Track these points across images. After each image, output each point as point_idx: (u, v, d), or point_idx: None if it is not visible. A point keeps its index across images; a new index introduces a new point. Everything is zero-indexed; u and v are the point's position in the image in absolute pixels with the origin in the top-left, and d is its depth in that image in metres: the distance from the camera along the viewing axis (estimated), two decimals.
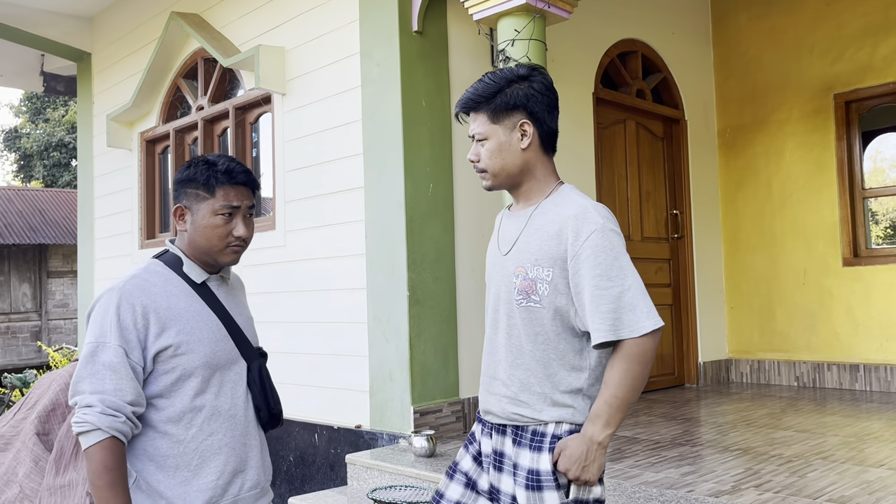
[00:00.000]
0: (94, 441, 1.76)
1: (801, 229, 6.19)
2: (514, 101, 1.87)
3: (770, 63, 6.44)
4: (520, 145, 1.88)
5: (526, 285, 1.84)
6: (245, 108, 5.62)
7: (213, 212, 1.92)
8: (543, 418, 1.83)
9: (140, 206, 6.62)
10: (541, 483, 1.79)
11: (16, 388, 7.94)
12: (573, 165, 5.32)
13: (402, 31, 4.33)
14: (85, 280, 7.40)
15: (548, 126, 1.91)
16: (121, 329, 1.81)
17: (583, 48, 5.49)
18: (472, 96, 1.91)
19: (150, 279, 1.92)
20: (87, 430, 1.77)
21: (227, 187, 1.93)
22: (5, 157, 24.99)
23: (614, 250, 1.78)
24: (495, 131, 1.89)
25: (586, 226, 1.78)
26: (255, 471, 2.00)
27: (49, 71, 8.14)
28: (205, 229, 1.93)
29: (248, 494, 1.97)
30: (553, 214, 1.85)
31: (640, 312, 1.75)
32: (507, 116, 1.87)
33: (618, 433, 4.38)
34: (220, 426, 1.93)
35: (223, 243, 1.94)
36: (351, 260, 4.58)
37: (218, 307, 1.97)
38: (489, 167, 1.91)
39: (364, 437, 4.39)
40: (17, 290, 14.98)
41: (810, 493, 3.04)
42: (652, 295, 6.34)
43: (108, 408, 1.77)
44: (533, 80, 1.89)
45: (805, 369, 6.14)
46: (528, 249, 1.86)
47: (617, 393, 1.75)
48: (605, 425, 1.75)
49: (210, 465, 1.90)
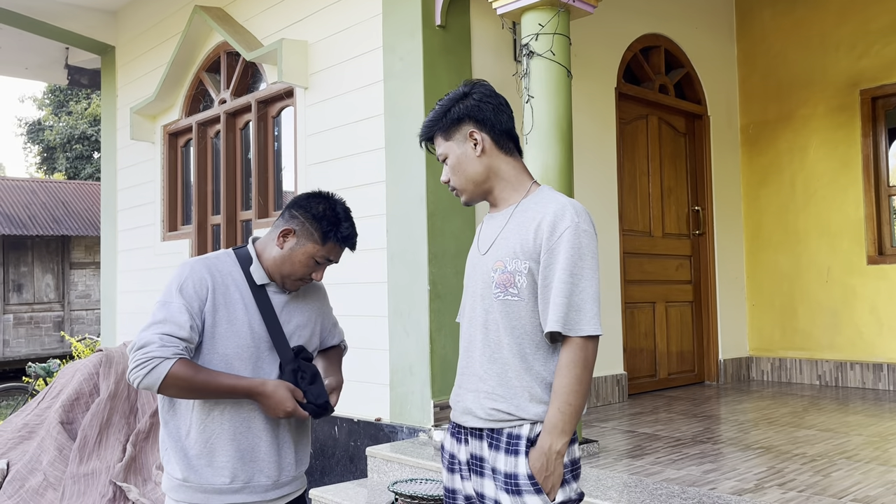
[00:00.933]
0: (164, 371, 1.89)
1: (825, 227, 6.13)
2: (459, 115, 1.97)
3: (795, 58, 6.37)
4: (474, 153, 1.96)
5: (504, 278, 1.88)
6: (267, 101, 5.64)
7: (313, 256, 2.09)
8: (521, 415, 1.84)
9: (162, 199, 6.68)
10: (520, 488, 1.80)
11: (39, 377, 8.04)
12: (595, 161, 5.30)
13: (425, 26, 4.33)
14: (107, 271, 7.48)
15: (499, 129, 1.97)
16: (184, 292, 1.99)
17: (605, 43, 5.46)
18: (426, 124, 2.04)
19: (219, 264, 2.09)
20: (154, 365, 1.89)
21: (336, 245, 2.12)
22: (29, 149, 25.27)
23: (581, 250, 1.83)
24: (451, 147, 1.99)
25: (562, 222, 1.84)
26: (272, 463, 2.06)
27: (73, 64, 8.23)
28: (297, 263, 2.09)
29: (262, 483, 2.05)
30: (533, 211, 1.90)
31: (584, 314, 1.81)
32: (457, 130, 1.98)
33: (637, 430, 4.37)
34: (225, 417, 2.03)
35: (301, 280, 2.12)
36: (372, 254, 4.59)
37: (267, 310, 2.08)
38: (457, 183, 2.00)
39: (384, 430, 4.41)
40: (41, 281, 15.17)
41: (835, 493, 3.02)
42: (672, 292, 6.29)
43: (166, 341, 1.92)
44: (473, 92, 1.99)
45: (827, 368, 6.08)
46: (507, 245, 1.90)
47: (569, 399, 1.79)
48: (560, 433, 1.79)
49: (218, 452, 2.02)
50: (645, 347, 5.75)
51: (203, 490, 2.01)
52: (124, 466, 4.93)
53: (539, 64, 3.68)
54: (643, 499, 2.97)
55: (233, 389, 1.97)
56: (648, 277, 5.81)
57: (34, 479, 5.21)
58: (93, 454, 5.16)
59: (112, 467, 4.97)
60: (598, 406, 5.19)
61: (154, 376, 1.88)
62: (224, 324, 2.02)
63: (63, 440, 5.35)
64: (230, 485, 2.02)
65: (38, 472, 5.26)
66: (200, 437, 2.02)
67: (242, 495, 2.03)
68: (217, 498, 2.01)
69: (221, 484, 2.01)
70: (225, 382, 1.96)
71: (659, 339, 5.87)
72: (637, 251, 5.72)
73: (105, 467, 5.02)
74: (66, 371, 6.27)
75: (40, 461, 5.33)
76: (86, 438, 5.21)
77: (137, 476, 4.99)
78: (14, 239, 14.78)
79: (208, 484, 2.01)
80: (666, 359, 5.94)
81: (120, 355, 5.90)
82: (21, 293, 14.88)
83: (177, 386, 1.92)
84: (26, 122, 24.83)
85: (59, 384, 6.10)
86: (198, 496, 2.01)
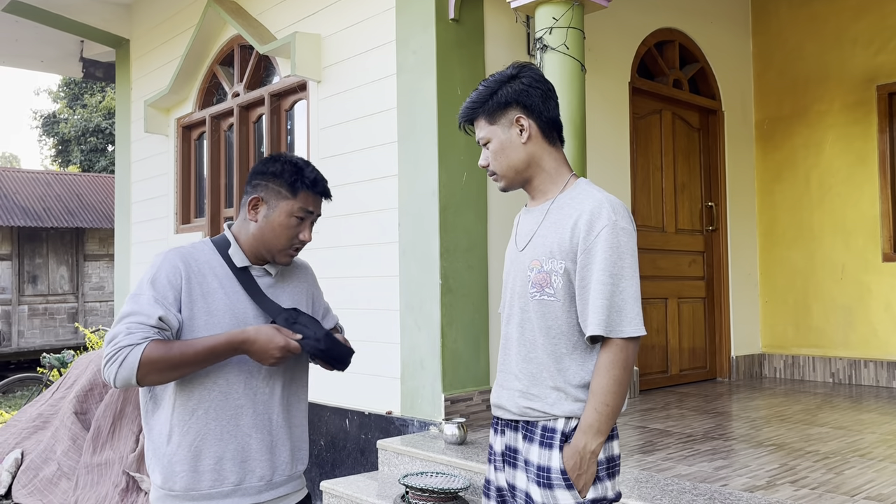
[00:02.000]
0: (137, 357, 1.76)
1: (840, 223, 6.08)
2: (507, 98, 1.89)
3: (811, 53, 6.31)
4: (520, 140, 1.90)
5: (541, 278, 1.84)
6: (280, 94, 5.65)
7: (289, 213, 1.98)
8: (555, 412, 1.82)
9: (176, 192, 6.71)
10: (551, 482, 1.79)
11: (54, 368, 8.11)
12: (608, 155, 5.28)
13: (438, 19, 4.32)
14: (121, 263, 7.53)
15: (546, 116, 1.92)
16: (156, 284, 1.88)
17: (620, 37, 5.44)
18: (469, 105, 1.95)
19: (196, 253, 1.98)
20: (125, 356, 1.76)
21: (308, 193, 2.00)
22: (44, 141, 25.45)
23: (620, 249, 1.78)
24: (494, 132, 1.92)
25: (599, 221, 1.79)
26: (265, 462, 1.95)
27: (88, 57, 8.27)
28: (277, 227, 1.98)
29: (253, 485, 1.94)
30: (570, 208, 1.86)
31: (626, 315, 1.77)
32: (503, 115, 1.90)
33: (649, 425, 4.36)
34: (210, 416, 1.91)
35: (289, 244, 2.00)
36: (384, 247, 4.60)
37: (254, 289, 1.99)
38: (497, 168, 1.94)
39: (395, 423, 4.42)
40: (55, 273, 15.29)
41: (847, 491, 3.00)
42: (685, 288, 6.26)
43: (133, 329, 1.80)
44: (522, 76, 1.92)
45: (841, 366, 6.04)
46: (544, 243, 1.86)
47: (606, 400, 1.76)
48: (596, 433, 1.77)
49: (204, 454, 1.90)
50: (657, 343, 5.73)
51: (189, 498, 1.88)
52: (137, 457, 4.97)
53: (553, 58, 3.66)
54: (654, 494, 2.96)
55: (213, 349, 1.83)
56: (661, 273, 5.79)
57: (48, 469, 5.26)
58: (106, 444, 5.21)
59: (125, 457, 5.01)
60: None
61: (128, 366, 1.76)
62: (203, 315, 1.90)
63: (77, 430, 5.40)
64: (219, 489, 1.89)
65: (52, 461, 5.31)
66: (184, 440, 1.88)
67: (234, 499, 1.91)
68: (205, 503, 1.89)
69: (209, 489, 1.89)
70: (203, 344, 1.82)
71: (671, 336, 5.85)
72: (650, 247, 5.70)
73: (118, 457, 5.06)
74: (80, 362, 6.32)
75: (54, 451, 5.38)
76: (99, 429, 5.26)
77: None
78: (29, 231, 14.90)
79: (194, 490, 1.88)
80: (678, 355, 5.92)
81: None
82: (36, 285, 15.01)
83: (155, 368, 1.78)
84: (41, 114, 25.00)
85: (73, 375, 6.15)
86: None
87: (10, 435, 5.97)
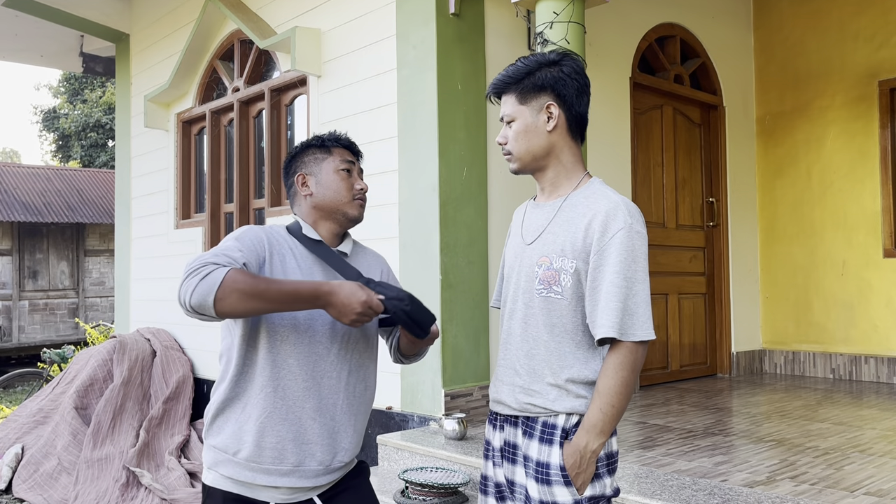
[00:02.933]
0: (220, 276, 1.72)
1: (841, 219, 6.07)
2: (543, 82, 1.86)
3: (813, 48, 6.29)
4: (546, 127, 1.87)
5: (549, 275, 1.83)
6: (280, 89, 5.64)
7: (334, 168, 2.06)
8: (556, 408, 1.81)
9: (176, 187, 6.70)
10: (550, 478, 1.78)
11: (54, 363, 8.11)
12: (609, 151, 5.27)
13: (438, 14, 4.31)
14: (122, 259, 7.52)
15: (576, 110, 1.89)
16: (242, 240, 1.90)
17: (620, 32, 5.42)
18: (503, 78, 1.91)
19: (274, 233, 2.01)
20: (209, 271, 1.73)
21: (340, 147, 2.11)
22: (44, 137, 25.42)
23: (635, 252, 1.77)
24: (522, 112, 1.88)
25: (615, 223, 1.77)
26: (322, 448, 1.95)
27: (88, 52, 8.26)
28: (332, 184, 2.05)
29: (312, 468, 1.95)
30: (584, 207, 1.83)
31: (638, 319, 1.76)
32: (535, 98, 1.87)
33: (649, 421, 4.36)
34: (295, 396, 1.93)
35: (350, 194, 2.06)
36: (384, 243, 4.59)
37: (331, 257, 2.00)
38: (514, 149, 1.91)
39: (395, 418, 4.42)
40: (56, 268, 15.29)
41: (847, 486, 3.00)
42: (685, 284, 6.26)
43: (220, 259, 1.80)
44: (563, 64, 1.88)
45: (842, 362, 6.04)
46: (555, 240, 1.84)
47: (613, 401, 1.75)
48: (599, 434, 1.76)
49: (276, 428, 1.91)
50: (657, 339, 5.73)
51: (250, 469, 1.91)
52: (137, 452, 4.97)
53: None
54: (654, 490, 2.96)
55: (297, 291, 1.77)
56: (661, 269, 5.78)
57: (48, 464, 5.26)
58: (106, 439, 5.21)
59: (125, 452, 5.02)
60: None
61: (210, 281, 1.70)
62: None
63: (77, 425, 5.40)
64: (278, 466, 1.91)
65: (52, 456, 5.32)
66: (253, 413, 1.90)
67: (292, 478, 1.92)
68: (264, 478, 1.91)
69: (269, 464, 1.91)
70: (288, 284, 1.78)
71: (671, 331, 5.85)
72: (650, 242, 5.64)
73: (118, 452, 5.06)
74: (81, 357, 6.32)
75: (55, 446, 5.38)
76: (99, 424, 5.26)
77: (150, 461, 5.03)
78: (30, 226, 14.89)
79: (255, 462, 1.91)
80: (678, 351, 5.91)
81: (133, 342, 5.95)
82: (36, 280, 15.01)
83: (237, 290, 1.70)
84: (41, 109, 24.98)
85: (74, 370, 6.15)
86: (245, 473, 1.91)
87: (10, 430, 5.98)
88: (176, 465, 4.93)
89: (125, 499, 4.72)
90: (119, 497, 4.72)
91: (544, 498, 1.79)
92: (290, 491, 1.94)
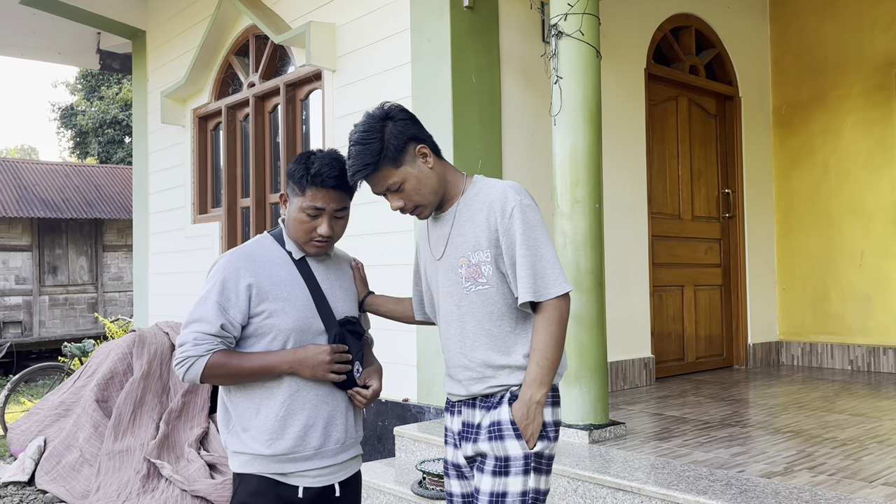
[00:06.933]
0: (200, 368, 1.99)
1: (859, 209, 6.03)
2: (403, 139, 2.00)
3: (829, 38, 6.24)
4: (427, 167, 2.03)
5: (472, 272, 2.01)
6: (296, 84, 5.67)
7: (300, 209, 2.08)
8: (511, 382, 1.99)
9: (192, 182, 6.75)
10: (502, 433, 1.96)
11: (75, 356, 8.21)
12: (624, 143, 5.26)
13: (452, 7, 4.31)
14: (139, 254, 7.60)
15: (430, 138, 2.08)
16: (223, 290, 2.04)
17: (635, 23, 5.40)
18: (364, 162, 1.97)
19: (257, 250, 2.13)
20: (190, 364, 1.99)
21: (314, 189, 2.06)
22: (62, 133, 25.65)
23: (531, 223, 1.97)
24: (405, 172, 2.01)
25: (508, 204, 1.97)
26: (340, 428, 2.11)
27: (105, 49, 8.33)
28: (294, 221, 2.11)
29: (331, 448, 2.10)
30: (478, 203, 2.02)
31: (549, 279, 1.95)
32: (405, 153, 2.01)
33: (665, 413, 4.36)
34: (304, 384, 2.06)
35: (307, 237, 2.11)
36: (400, 236, 4.61)
37: (310, 280, 2.12)
38: (420, 200, 2.04)
39: (411, 410, 4.45)
40: (75, 263, 15.45)
41: (865, 477, 2.99)
42: (701, 275, 6.23)
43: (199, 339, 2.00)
44: (394, 115, 2.02)
45: (860, 353, 6.00)
46: (464, 241, 2.02)
47: (546, 354, 1.94)
48: (540, 385, 1.94)
49: (295, 418, 2.05)
50: (673, 331, 5.72)
51: (278, 461, 2.03)
52: (157, 444, 5.03)
53: (568, 44, 3.65)
54: (671, 480, 2.97)
55: (270, 369, 2.02)
56: (677, 260, 5.77)
57: (71, 456, 5.34)
58: (127, 432, 5.27)
59: (146, 444, 5.08)
60: (626, 389, 5.18)
61: (192, 373, 1.99)
62: (279, 301, 2.05)
63: (98, 418, 5.47)
64: (306, 452, 2.05)
65: (74, 448, 5.39)
66: (284, 405, 2.04)
67: (315, 461, 2.07)
68: (292, 465, 2.04)
69: (300, 448, 2.05)
70: (258, 363, 2.01)
71: (687, 323, 5.83)
72: (666, 234, 5.67)
73: (139, 444, 5.12)
74: (101, 351, 6.40)
75: (76, 438, 5.46)
76: (120, 416, 5.32)
77: (170, 453, 5.09)
78: (49, 222, 15.05)
79: (282, 454, 2.04)
80: (694, 342, 5.90)
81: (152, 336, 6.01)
82: (56, 275, 15.17)
83: (215, 376, 2.01)
84: (59, 106, 25.19)
85: (94, 363, 6.23)
86: (273, 466, 2.03)
87: (32, 423, 6.07)
88: (196, 456, 4.98)
89: (146, 490, 4.79)
90: (140, 488, 4.79)
91: (498, 453, 1.95)
92: (316, 473, 2.08)
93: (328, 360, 2.04)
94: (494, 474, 1.95)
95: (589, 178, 3.64)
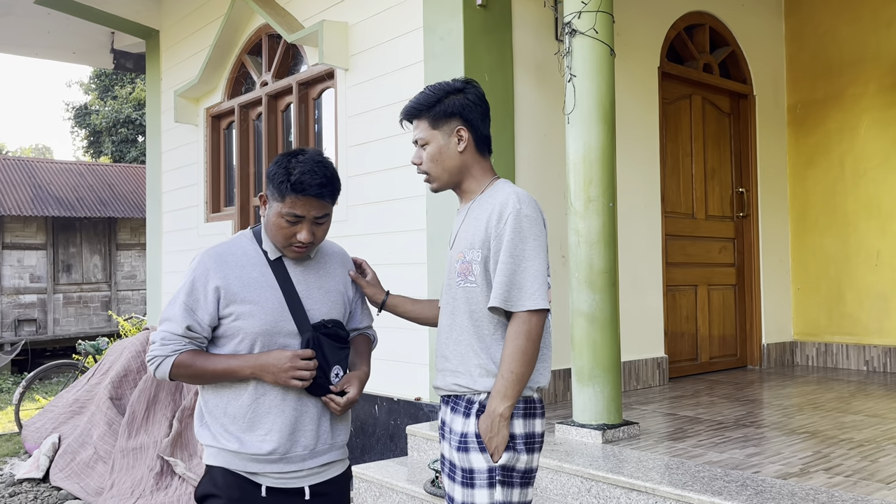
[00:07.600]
0: (167, 368, 2.03)
1: (875, 208, 5.97)
2: (451, 109, 2.07)
3: (845, 35, 6.18)
4: (457, 149, 2.08)
5: (463, 268, 2.05)
6: (308, 83, 5.68)
7: (279, 215, 2.03)
8: (478, 388, 2.00)
9: (205, 181, 6.78)
10: (468, 445, 1.97)
11: (89, 354, 8.26)
12: (637, 141, 5.23)
13: (465, 6, 4.30)
14: (153, 252, 7.63)
15: (481, 132, 2.11)
16: (192, 291, 2.04)
17: (649, 21, 5.37)
18: (414, 105, 2.11)
19: (231, 251, 2.10)
20: (158, 363, 2.04)
21: (294, 197, 2.00)
22: (76, 133, 25.83)
23: (522, 233, 1.97)
24: (434, 136, 2.09)
25: (506, 210, 1.98)
26: (310, 434, 2.07)
27: (119, 48, 8.37)
28: (272, 226, 2.07)
29: (298, 454, 2.06)
30: (486, 204, 2.06)
31: (525, 292, 1.95)
32: (446, 123, 2.08)
33: (679, 413, 4.34)
34: (270, 389, 2.04)
35: (286, 242, 2.07)
36: (412, 235, 4.61)
37: (285, 282, 2.08)
38: (431, 170, 2.11)
39: (423, 409, 4.45)
40: (89, 262, 15.55)
41: (883, 478, 2.96)
42: (715, 275, 6.18)
43: (167, 339, 2.03)
44: (467, 92, 2.10)
45: (875, 353, 5.94)
46: (466, 237, 2.07)
47: (512, 367, 1.94)
48: (503, 398, 1.94)
49: (260, 422, 2.03)
50: (686, 331, 5.69)
51: (241, 459, 2.02)
52: (171, 441, 5.05)
53: (582, 42, 3.64)
54: (685, 481, 2.95)
55: (233, 373, 2.01)
56: (690, 260, 5.74)
57: (85, 453, 5.37)
58: (141, 429, 5.30)
59: (159, 442, 5.10)
60: (639, 389, 5.16)
61: (161, 371, 2.03)
62: (247, 304, 2.02)
63: (112, 415, 5.50)
64: (268, 455, 2.02)
65: (88, 445, 5.43)
66: (249, 407, 2.03)
67: (280, 465, 2.04)
68: (255, 465, 2.03)
69: (263, 451, 2.02)
70: (221, 366, 2.00)
71: (701, 323, 5.80)
72: (679, 233, 5.64)
73: (153, 442, 5.15)
74: (115, 349, 6.43)
75: (91, 435, 5.49)
76: (134, 414, 5.35)
77: (184, 451, 5.11)
78: (63, 221, 15.15)
79: (246, 453, 2.02)
80: (707, 342, 5.87)
81: None
82: (70, 273, 15.28)
83: (183, 376, 2.04)
84: (73, 106, 25.37)
85: (108, 361, 6.27)
86: (237, 462, 2.02)
87: (47, 420, 6.11)
88: None
89: (159, 487, 4.81)
90: (154, 485, 4.81)
91: (464, 465, 1.97)
92: (278, 476, 2.05)
93: (289, 366, 1.98)
94: (462, 485, 1.98)
95: (603, 176, 3.63)
